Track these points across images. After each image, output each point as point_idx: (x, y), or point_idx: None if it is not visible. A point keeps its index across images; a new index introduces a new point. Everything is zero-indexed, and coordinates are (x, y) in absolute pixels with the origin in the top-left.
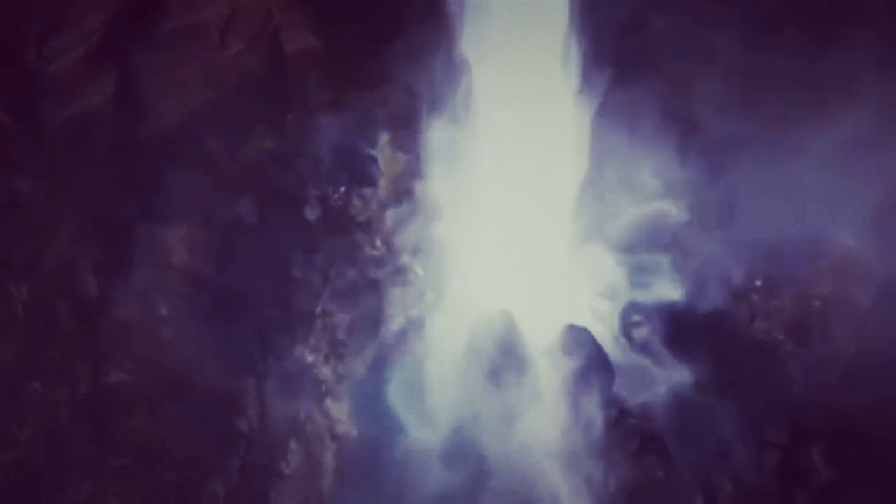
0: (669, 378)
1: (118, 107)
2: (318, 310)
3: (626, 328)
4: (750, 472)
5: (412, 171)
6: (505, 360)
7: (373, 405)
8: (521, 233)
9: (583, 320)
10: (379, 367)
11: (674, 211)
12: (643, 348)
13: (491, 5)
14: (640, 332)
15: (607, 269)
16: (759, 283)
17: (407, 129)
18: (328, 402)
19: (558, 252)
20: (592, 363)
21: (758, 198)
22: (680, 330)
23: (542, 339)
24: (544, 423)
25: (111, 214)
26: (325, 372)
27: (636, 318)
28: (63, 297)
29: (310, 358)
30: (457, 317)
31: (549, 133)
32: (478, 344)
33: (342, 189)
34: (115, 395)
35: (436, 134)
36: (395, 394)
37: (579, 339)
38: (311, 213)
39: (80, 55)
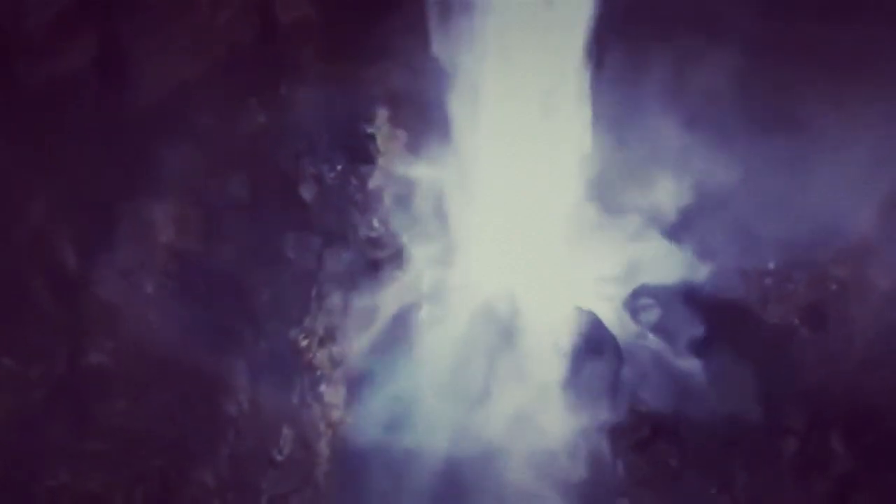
0: (680, 363)
1: (100, 72)
2: (313, 292)
3: (635, 311)
4: (766, 460)
5: (412, 150)
6: (507, 344)
7: (370, 391)
8: (525, 215)
9: (589, 304)
10: (376, 351)
11: (681, 191)
12: (652, 332)
13: None
14: (650, 316)
15: (614, 251)
16: (771, 265)
17: (407, 106)
18: (323, 387)
19: (563, 235)
20: (600, 347)
21: (770, 177)
22: (690, 314)
23: (546, 322)
24: (549, 409)
25: (92, 187)
26: (320, 356)
27: (645, 301)
28: (38, 270)
29: (304, 342)
30: (457, 300)
31: (554, 111)
32: (479, 328)
33: (339, 167)
34: (95, 376)
35: (437, 111)
36: (392, 379)
37: (586, 323)
38: (307, 192)
39: (58, 10)
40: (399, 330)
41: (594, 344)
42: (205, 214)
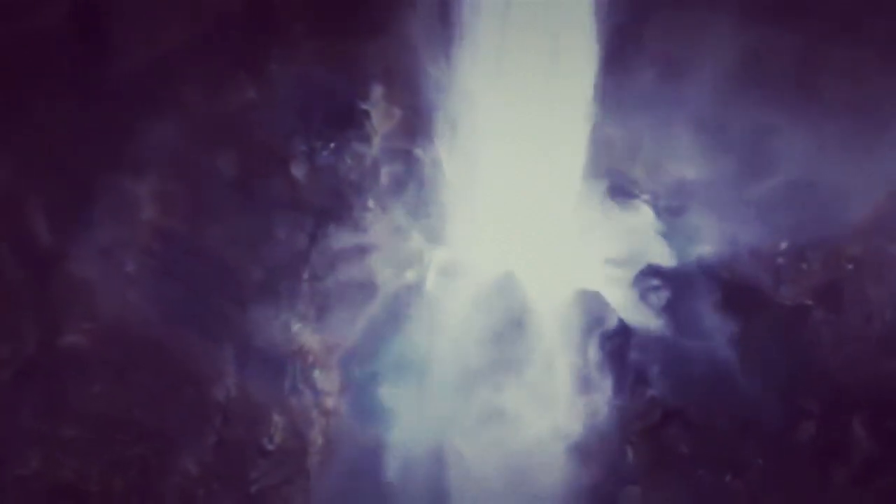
0: (691, 347)
1: (76, 34)
2: (305, 274)
3: (644, 293)
4: (782, 446)
5: (409, 128)
6: (511, 327)
7: (365, 377)
8: (527, 194)
9: (595, 285)
10: (372, 336)
11: (689, 171)
12: (662, 314)
13: None
14: (659, 297)
15: (620, 232)
16: (784, 245)
17: (403, 82)
18: (316, 373)
19: (567, 215)
20: (607, 330)
21: (781, 153)
22: (700, 296)
23: (551, 305)
24: (555, 394)
25: (68, 156)
26: (313, 341)
27: (654, 282)
28: (6, 243)
29: (296, 325)
30: (458, 282)
31: (558, 85)
32: (481, 310)
33: (332, 145)
34: (70, 357)
35: (434, 88)
36: (389, 365)
37: (592, 305)
38: (298, 170)
39: None
40: (397, 313)
41: (601, 327)
42: (191, 192)
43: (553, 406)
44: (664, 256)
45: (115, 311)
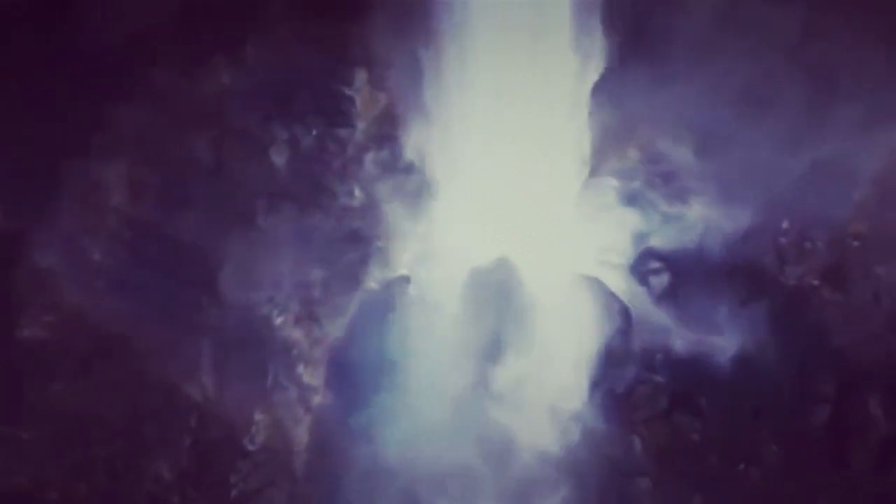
0: (695, 331)
1: (41, 11)
2: (287, 265)
3: (644, 276)
4: (797, 430)
5: (395, 113)
6: (506, 313)
7: (353, 372)
8: (518, 180)
9: (594, 271)
10: (360, 328)
11: (684, 152)
12: (663, 298)
13: None
14: (659, 280)
15: (618, 216)
16: (786, 224)
17: (388, 66)
18: (300, 368)
19: (562, 200)
20: (607, 316)
21: (778, 130)
22: (702, 279)
23: (548, 291)
24: (556, 384)
25: (29, 140)
26: (297, 334)
27: (654, 264)
28: None
29: (278, 318)
30: (449, 272)
31: (550, 67)
32: (474, 297)
33: (314, 131)
34: (29, 351)
35: (421, 72)
36: (378, 358)
37: (591, 291)
38: (278, 157)
39: None
40: (386, 304)
41: (601, 312)
42: (164, 178)
43: (553, 395)
44: (663, 240)
45: (79, 301)
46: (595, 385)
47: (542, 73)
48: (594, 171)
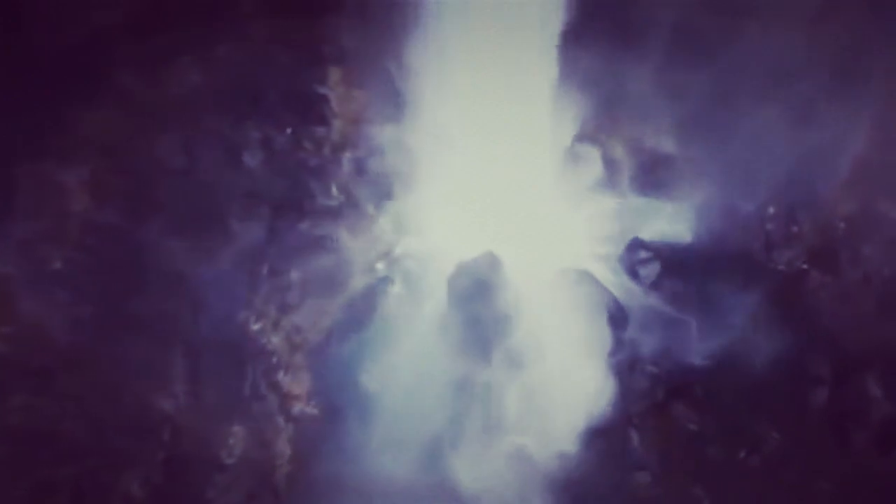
0: (687, 320)
1: None
2: (264, 268)
3: (633, 266)
4: (796, 415)
5: (373, 111)
6: (493, 308)
7: (337, 378)
8: (502, 175)
9: (582, 263)
10: (342, 332)
11: (667, 140)
12: (653, 288)
13: None
14: (649, 270)
15: (604, 208)
16: (771, 210)
17: (363, 65)
18: (280, 375)
19: (546, 195)
20: (597, 307)
21: (756, 115)
22: (692, 268)
23: (535, 285)
24: (548, 378)
25: None
26: (276, 341)
27: (643, 254)
28: None
29: (255, 325)
30: (433, 272)
31: (529, 58)
32: (459, 292)
33: (288, 131)
34: None
35: (398, 69)
36: (363, 362)
37: (581, 283)
38: (252, 158)
39: None
40: (368, 307)
41: (592, 304)
42: (131, 182)
43: (545, 391)
44: (650, 230)
45: (38, 311)
46: (587, 377)
47: (521, 65)
48: (577, 162)
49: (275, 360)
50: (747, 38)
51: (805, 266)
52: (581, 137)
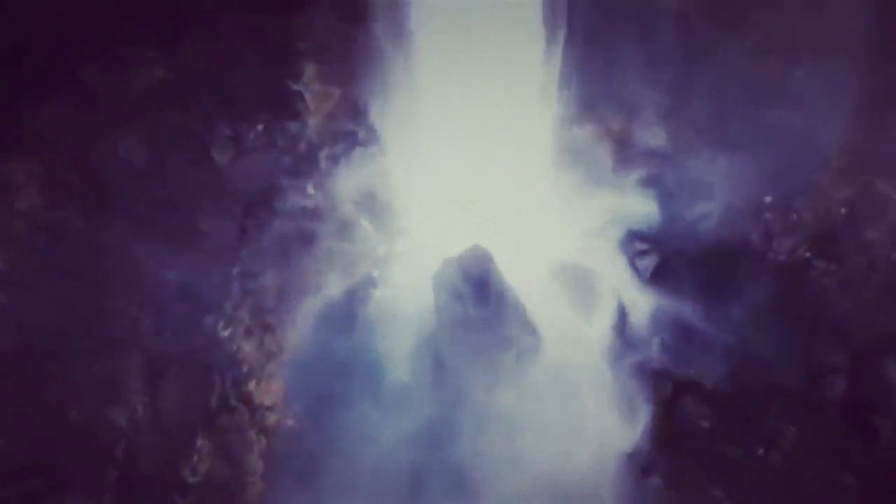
0: (690, 312)
1: None
2: (235, 271)
3: (631, 259)
4: (813, 407)
5: (350, 107)
6: (484, 304)
7: (313, 387)
8: (490, 169)
9: (577, 257)
10: (320, 338)
11: (658, 132)
12: (652, 281)
13: None
14: (647, 262)
15: (598, 201)
16: (769, 199)
17: (337, 59)
18: (252, 385)
19: (536, 189)
20: (598, 302)
21: (749, 104)
22: (691, 259)
23: (529, 281)
24: (544, 380)
25: None
26: (248, 348)
27: (641, 246)
28: None
29: (224, 331)
30: (417, 273)
31: (517, 50)
32: (447, 289)
33: (260, 127)
34: None
35: (376, 64)
36: (342, 370)
37: (577, 277)
38: (221, 156)
39: None
40: (347, 311)
41: (590, 299)
42: (86, 180)
43: (539, 392)
44: (646, 222)
45: None
46: (586, 377)
47: (509, 56)
48: (569, 154)
49: (246, 368)
50: (741, 26)
51: (808, 254)
52: (572, 131)
